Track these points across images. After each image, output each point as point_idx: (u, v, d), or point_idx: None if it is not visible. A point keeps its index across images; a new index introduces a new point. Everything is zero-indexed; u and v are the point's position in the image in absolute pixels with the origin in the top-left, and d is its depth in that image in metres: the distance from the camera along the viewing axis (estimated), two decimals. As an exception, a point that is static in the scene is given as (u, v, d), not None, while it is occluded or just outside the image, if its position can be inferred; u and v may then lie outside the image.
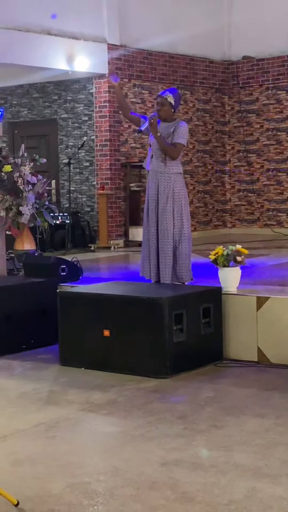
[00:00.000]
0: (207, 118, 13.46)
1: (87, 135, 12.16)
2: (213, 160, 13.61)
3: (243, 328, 6.29)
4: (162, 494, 3.62)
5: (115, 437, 4.57)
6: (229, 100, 13.77)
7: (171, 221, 6.73)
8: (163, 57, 12.52)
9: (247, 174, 13.55)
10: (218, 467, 3.96)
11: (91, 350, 6.16)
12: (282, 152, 13.20)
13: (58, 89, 12.55)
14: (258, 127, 13.45)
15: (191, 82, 13.03)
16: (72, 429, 4.72)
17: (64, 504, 3.54)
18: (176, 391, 5.47)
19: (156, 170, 6.81)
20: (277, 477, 3.80)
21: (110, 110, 11.69)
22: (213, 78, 13.47)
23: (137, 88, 12.13)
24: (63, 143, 12.58)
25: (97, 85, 11.80)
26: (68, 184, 11.83)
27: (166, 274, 6.71)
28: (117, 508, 3.50)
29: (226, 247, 6.49)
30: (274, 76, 13.19)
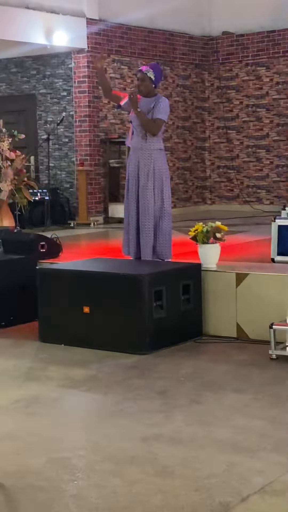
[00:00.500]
0: (187, 94, 13.42)
1: (66, 110, 12.09)
2: (192, 137, 13.59)
3: (223, 305, 6.31)
4: (141, 469, 3.65)
5: (94, 413, 4.60)
6: (208, 76, 13.73)
7: (152, 198, 6.71)
8: (143, 32, 12.44)
9: (227, 151, 13.55)
10: (198, 441, 3.99)
11: (71, 326, 6.16)
12: (262, 129, 13.20)
13: (36, 63, 12.44)
14: (238, 103, 13.44)
15: (171, 58, 12.97)
16: (52, 405, 4.73)
17: (44, 480, 3.56)
18: (155, 367, 5.48)
19: (137, 147, 6.78)
20: (255, 452, 3.84)
21: (89, 85, 11.61)
22: (192, 53, 13.41)
23: (116, 63, 12.05)
24: (42, 119, 12.49)
25: (76, 60, 11.72)
26: (47, 160, 11.76)
27: (147, 251, 6.71)
28: (97, 482, 3.52)
29: (206, 224, 6.49)
30: (254, 52, 13.15)
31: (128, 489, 3.43)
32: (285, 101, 12.94)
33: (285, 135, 12.99)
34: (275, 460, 3.71)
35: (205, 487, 3.42)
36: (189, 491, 3.39)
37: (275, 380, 5.11)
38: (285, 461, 3.69)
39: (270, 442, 3.95)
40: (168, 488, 3.43)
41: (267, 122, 13.15)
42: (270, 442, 3.95)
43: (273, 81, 13.05)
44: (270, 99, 13.09)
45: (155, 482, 3.49)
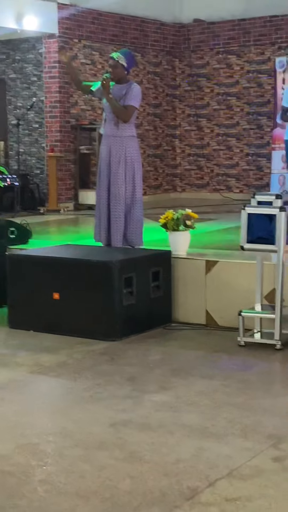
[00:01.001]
0: (158, 81, 13.40)
1: (37, 96, 12.01)
2: (163, 124, 13.58)
3: (192, 292, 6.34)
4: (110, 454, 3.67)
5: (64, 399, 4.60)
6: (180, 63, 13.72)
7: (123, 185, 6.69)
8: (114, 18, 12.38)
9: (197, 139, 13.57)
10: (166, 427, 4.02)
11: (40, 313, 6.15)
12: (232, 117, 13.24)
13: (6, 48, 12.33)
14: (209, 91, 13.45)
15: (142, 44, 12.93)
16: (21, 391, 4.72)
17: (13, 465, 3.56)
18: (125, 353, 5.50)
19: (109, 134, 6.76)
20: (223, 437, 3.87)
21: (60, 70, 11.53)
22: (164, 40, 13.39)
23: (87, 49, 11.99)
24: (12, 104, 12.40)
25: (46, 44, 11.63)
26: (17, 145, 11.69)
27: (117, 238, 6.69)
28: (66, 468, 3.53)
29: (176, 211, 6.51)
30: (225, 40, 13.16)
31: (97, 474, 3.44)
32: (255, 89, 12.98)
33: (255, 124, 13.04)
34: (243, 446, 3.75)
35: (174, 472, 3.45)
36: (158, 476, 3.42)
37: (243, 366, 5.16)
38: (252, 446, 3.74)
39: (237, 427, 3.99)
40: (137, 473, 3.45)
41: (238, 110, 13.19)
42: (237, 428, 3.99)
43: (243, 70, 13.08)
44: (241, 87, 13.12)
45: (124, 467, 3.51)
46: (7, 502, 3.19)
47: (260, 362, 5.24)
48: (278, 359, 5.35)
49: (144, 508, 3.11)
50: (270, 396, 4.53)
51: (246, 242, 5.62)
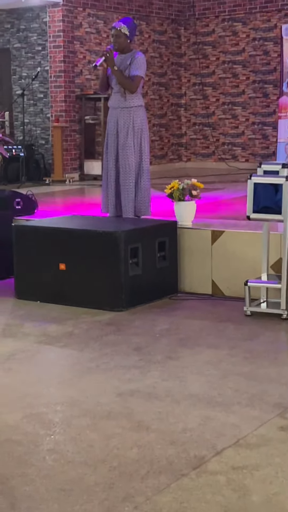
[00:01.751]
0: (163, 50, 13.29)
1: (41, 65, 11.93)
2: (168, 93, 13.49)
3: (198, 262, 6.35)
4: (117, 423, 3.69)
5: (71, 369, 4.61)
6: (185, 32, 13.59)
7: (132, 156, 6.66)
8: (118, -14, 12.25)
9: (202, 108, 13.48)
10: (173, 396, 4.03)
11: (47, 283, 6.16)
12: (238, 86, 13.14)
13: (10, 17, 12.22)
14: (214, 59, 13.34)
15: (147, 12, 12.80)
16: (28, 361, 4.74)
17: (21, 434, 3.58)
18: (131, 323, 5.51)
19: (116, 105, 6.70)
20: (229, 406, 3.88)
21: (64, 40, 11.44)
22: (169, 8, 13.25)
23: (91, 17, 11.87)
24: (16, 74, 12.32)
25: (50, 14, 11.52)
26: (22, 116, 11.63)
27: (128, 208, 6.67)
28: (73, 437, 3.55)
29: (182, 181, 6.49)
30: (230, 7, 13.01)
31: (104, 443, 3.46)
32: (261, 57, 12.86)
33: (261, 92, 12.93)
34: (249, 415, 3.77)
35: (180, 441, 3.47)
36: (165, 445, 3.43)
37: (249, 336, 5.17)
38: (259, 415, 3.75)
39: (244, 397, 4.01)
40: (144, 442, 3.47)
41: (243, 79, 13.08)
42: (244, 397, 4.00)
43: (249, 37, 12.95)
44: (247, 55, 13.00)
45: (131, 436, 3.53)
46: (15, 470, 3.22)
47: (266, 332, 5.25)
48: (284, 328, 5.35)
49: (151, 477, 3.13)
50: (276, 366, 4.53)
51: (252, 212, 5.61)
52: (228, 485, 3.05)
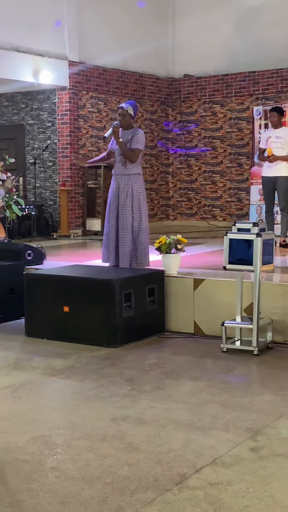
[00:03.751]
0: (153, 127, 13.48)
1: (51, 139, 12.08)
2: (158, 163, 13.65)
3: (182, 305, 6.35)
4: (111, 445, 3.66)
5: (72, 397, 4.59)
6: (172, 112, 13.81)
7: (130, 215, 6.75)
8: (116, 73, 12.48)
9: (187, 175, 13.63)
10: (159, 421, 4.01)
11: (53, 323, 6.16)
12: (217, 157, 13.31)
13: (25, 98, 12.41)
14: (197, 135, 13.53)
15: (140, 95, 13.02)
16: (35, 390, 4.72)
17: (28, 454, 3.56)
18: (125, 358, 5.50)
19: (118, 173, 6.82)
20: (208, 430, 3.87)
21: (71, 118, 11.62)
22: (159, 92, 13.49)
23: (93, 99, 12.08)
24: (30, 146, 12.46)
25: (59, 96, 11.71)
26: (34, 181, 11.73)
27: (125, 259, 6.73)
28: (73, 457, 3.52)
29: (168, 236, 6.53)
30: (210, 92, 13.26)
31: (100, 462, 3.44)
32: (236, 134, 13.06)
33: (236, 163, 13.10)
34: (225, 438, 3.75)
35: (165, 460, 3.44)
36: (152, 463, 3.41)
37: (225, 369, 5.16)
38: (233, 438, 3.73)
39: (220, 422, 3.99)
40: (134, 461, 3.44)
41: (221, 151, 13.25)
42: (220, 422, 3.98)
43: (226, 117, 13.17)
44: (224, 132, 13.20)
45: (123, 456, 3.51)
46: (22, 486, 3.18)
47: (240, 366, 5.24)
48: (255, 363, 5.34)
49: (140, 491, 3.10)
50: (248, 395, 4.52)
51: (228, 263, 5.64)
52: (205, 499, 3.03)
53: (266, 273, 6.01)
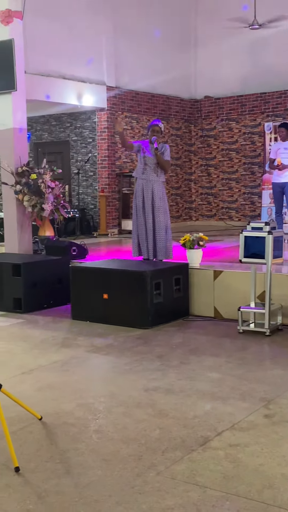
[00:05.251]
0: (178, 141, 13.42)
1: (91, 152, 12.10)
2: (182, 172, 13.58)
3: (204, 293, 6.33)
4: (145, 411, 3.66)
5: (111, 370, 4.60)
6: (194, 128, 13.73)
7: (163, 216, 6.77)
8: (147, 96, 12.44)
9: (207, 182, 13.54)
10: (185, 392, 4.00)
11: (94, 308, 6.18)
12: (232, 166, 13.20)
13: (70, 118, 12.45)
14: (215, 147, 13.43)
15: (167, 115, 12.97)
16: (80, 365, 4.75)
17: (74, 418, 3.57)
18: (155, 338, 5.50)
19: (150, 179, 6.78)
20: (227, 399, 3.84)
21: (108, 134, 11.62)
22: (183, 111, 13.41)
23: (127, 118, 12.06)
24: (74, 158, 12.50)
25: (99, 116, 11.73)
26: (77, 188, 11.77)
27: (161, 253, 6.78)
28: (113, 421, 3.53)
29: (192, 234, 6.51)
30: (227, 110, 13.15)
31: (135, 426, 3.43)
32: (249, 146, 12.93)
33: (249, 171, 12.98)
34: (242, 406, 3.72)
35: (191, 425, 3.43)
36: (179, 427, 3.40)
37: (241, 348, 5.12)
38: (249, 406, 3.70)
39: (238, 393, 3.96)
40: (164, 425, 3.44)
41: (237, 161, 13.14)
42: (238, 393, 3.95)
43: (241, 132, 13.05)
44: (239, 145, 13.08)
45: (155, 421, 3.50)
46: (70, 445, 3.20)
47: (254, 345, 5.20)
48: (267, 342, 5.30)
49: (170, 451, 3.09)
50: (262, 370, 4.48)
51: (243, 257, 5.59)
52: (226, 458, 3.01)
53: (276, 265, 5.95)
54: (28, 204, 7.97)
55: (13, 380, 4.27)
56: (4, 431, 3.08)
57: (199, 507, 2.54)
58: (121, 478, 2.81)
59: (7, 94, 8.08)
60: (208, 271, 6.34)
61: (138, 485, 2.74)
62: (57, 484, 2.78)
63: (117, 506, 2.56)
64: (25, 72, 8.34)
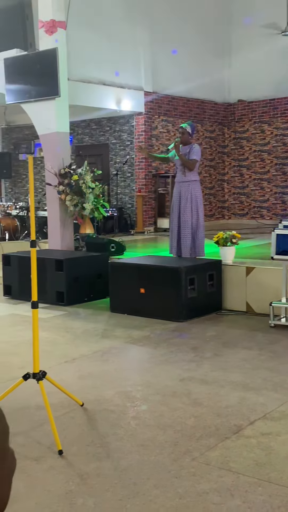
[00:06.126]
0: (212, 143, 13.32)
1: (129, 154, 12.12)
2: (216, 172, 13.48)
3: (236, 288, 6.28)
4: (180, 400, 3.66)
5: (147, 361, 4.62)
6: (227, 130, 13.60)
7: (190, 215, 6.72)
8: (182, 100, 12.38)
9: (240, 182, 13.41)
10: (219, 382, 3.98)
11: (132, 301, 6.20)
12: (264, 167, 13.03)
13: (109, 122, 12.50)
14: (248, 149, 13.28)
15: (201, 118, 12.89)
16: (118, 355, 4.77)
17: (114, 405, 3.59)
18: (190, 330, 5.48)
19: (179, 180, 6.78)
20: (259, 390, 3.81)
21: (145, 137, 11.61)
22: (217, 115, 13.31)
23: (164, 122, 12.03)
24: (113, 160, 12.55)
25: (136, 120, 11.73)
26: (116, 188, 11.81)
27: (185, 250, 6.71)
28: (150, 408, 3.53)
29: (225, 232, 6.45)
30: (260, 113, 12.98)
31: (171, 413, 3.43)
32: (281, 147, 12.74)
33: (281, 171, 12.80)
34: (273, 397, 3.68)
35: (224, 414, 3.41)
36: (213, 416, 3.38)
37: (273, 341, 5.07)
38: (281, 397, 3.66)
39: (269, 384, 3.92)
40: (199, 413, 3.42)
41: (268, 162, 12.97)
42: (269, 384, 3.91)
43: (273, 134, 12.87)
44: (271, 146, 12.91)
45: (190, 410, 3.49)
46: (110, 430, 3.22)
47: (285, 338, 5.13)
48: (298, 336, 5.23)
49: (204, 438, 3.08)
50: (292, 362, 4.43)
51: (275, 254, 5.52)
52: (258, 445, 2.98)
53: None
54: (70, 203, 8.04)
55: (57, 368, 4.32)
56: (48, 416, 3.12)
57: (233, 492, 2.53)
58: (158, 463, 2.81)
59: (51, 100, 8.16)
60: (240, 268, 6.28)
61: (174, 469, 2.74)
62: (97, 467, 2.80)
63: (155, 489, 2.56)
64: (68, 79, 8.41)
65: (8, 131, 14.22)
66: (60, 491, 2.59)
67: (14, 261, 7.19)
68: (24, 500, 2.50)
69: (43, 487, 2.62)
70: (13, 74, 8.45)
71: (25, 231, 10.21)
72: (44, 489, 2.61)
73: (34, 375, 3.30)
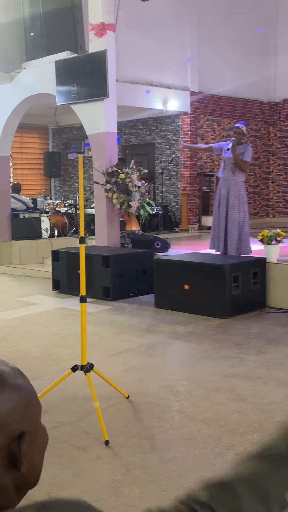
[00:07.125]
0: (257, 142, 13.12)
1: (175, 154, 12.08)
2: (260, 171, 13.28)
3: (280, 286, 6.17)
4: (224, 396, 3.63)
5: (192, 356, 4.59)
6: (273, 129, 13.37)
7: (237, 213, 6.66)
8: (228, 100, 12.24)
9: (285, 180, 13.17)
10: (262, 379, 3.92)
11: (176, 298, 6.18)
12: (310, 166, 12.76)
13: (155, 122, 12.49)
14: (293, 148, 13.03)
15: (247, 117, 12.70)
16: (163, 349, 4.77)
17: (159, 399, 3.59)
18: (233, 327, 5.43)
19: (228, 178, 6.71)
20: (303, 388, 3.73)
21: (191, 137, 11.54)
22: (262, 114, 13.09)
23: (209, 121, 11.93)
24: (158, 159, 12.54)
25: (182, 119, 11.68)
26: (161, 186, 11.80)
27: (232, 248, 6.65)
28: (194, 403, 3.52)
29: (269, 230, 6.35)
30: (305, 112, 12.71)
31: (215, 409, 3.41)
32: None
33: None
34: None
35: (268, 410, 3.36)
36: (257, 412, 3.34)
37: None
38: None
39: (314, 382, 3.84)
40: (243, 409, 3.39)
41: (314, 161, 12.69)
42: (314, 382, 3.83)
43: None
44: (316, 145, 12.62)
45: (234, 405, 3.46)
46: (155, 423, 3.22)
47: None
48: None
49: (248, 434, 3.04)
50: None
51: None
52: (302, 444, 2.91)
53: None
54: (116, 201, 8.09)
55: (104, 361, 4.36)
56: (95, 407, 3.15)
57: (277, 488, 2.48)
58: (202, 456, 2.79)
59: (100, 101, 8.22)
60: (285, 266, 6.16)
61: (218, 463, 2.72)
62: (143, 458, 2.80)
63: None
64: (116, 81, 8.44)
65: (58, 132, 14.42)
66: (106, 480, 2.61)
67: (62, 257, 7.29)
68: (71, 488, 2.53)
69: (90, 476, 2.65)
70: (64, 76, 8.55)
71: (73, 228, 10.34)
72: (91, 478, 2.63)
73: (82, 367, 3.34)
